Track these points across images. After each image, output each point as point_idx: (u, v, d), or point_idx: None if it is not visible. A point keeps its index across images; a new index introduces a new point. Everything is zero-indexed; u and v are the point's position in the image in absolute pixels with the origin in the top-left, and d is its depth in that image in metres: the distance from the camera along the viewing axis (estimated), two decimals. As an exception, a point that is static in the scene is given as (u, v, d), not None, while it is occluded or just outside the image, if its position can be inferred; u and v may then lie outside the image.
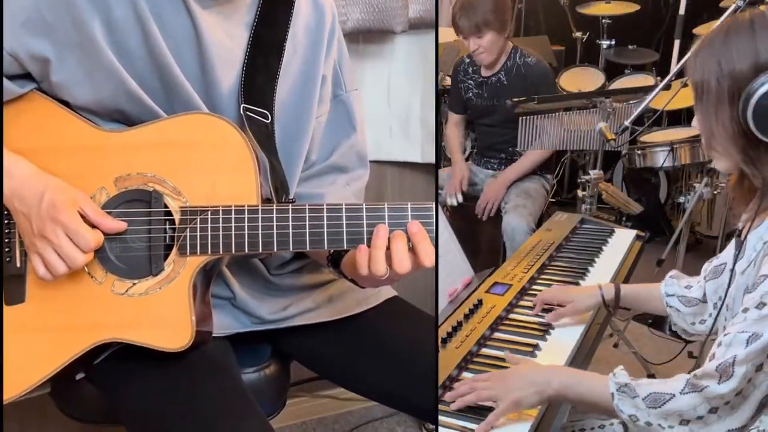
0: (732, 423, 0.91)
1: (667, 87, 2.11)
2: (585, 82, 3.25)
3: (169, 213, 1.05)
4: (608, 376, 0.99)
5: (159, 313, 1.04)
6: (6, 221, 1.06)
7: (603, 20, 3.64)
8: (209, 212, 1.03)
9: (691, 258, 2.81)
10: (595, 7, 3.66)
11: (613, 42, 3.66)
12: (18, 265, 1.06)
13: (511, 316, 1.40)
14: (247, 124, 1.11)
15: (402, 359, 1.21)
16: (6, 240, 1.06)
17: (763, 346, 0.88)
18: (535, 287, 1.52)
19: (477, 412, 1.04)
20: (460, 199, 2.73)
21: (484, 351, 1.24)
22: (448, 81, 3.09)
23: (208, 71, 1.10)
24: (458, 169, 2.78)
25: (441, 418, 1.05)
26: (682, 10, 3.04)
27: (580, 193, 2.40)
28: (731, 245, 1.15)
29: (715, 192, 2.70)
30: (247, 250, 1.03)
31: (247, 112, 1.12)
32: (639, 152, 2.91)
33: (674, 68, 2.17)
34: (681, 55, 2.20)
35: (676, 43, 3.06)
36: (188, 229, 1.04)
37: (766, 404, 0.92)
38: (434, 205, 1.02)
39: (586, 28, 3.79)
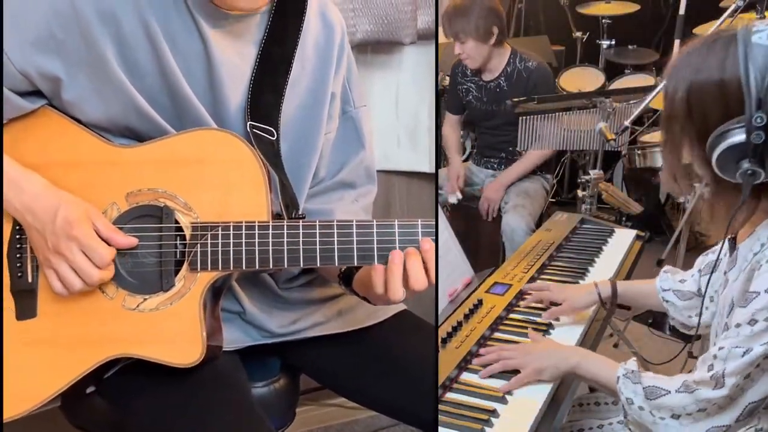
0: (720, 421, 0.97)
1: (667, 87, 2.10)
2: (585, 82, 3.25)
3: (180, 229, 1.05)
4: (620, 363, 1.07)
5: (170, 329, 1.04)
6: (18, 236, 1.07)
7: (603, 20, 3.64)
8: (220, 228, 1.03)
9: (691, 258, 2.79)
10: (595, 7, 3.66)
11: (613, 42, 3.66)
12: (29, 280, 1.06)
13: (511, 316, 1.40)
14: (254, 141, 1.11)
15: (411, 374, 1.21)
16: (18, 255, 1.07)
17: (752, 360, 0.94)
18: (535, 287, 1.52)
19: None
20: (459, 196, 2.73)
21: (482, 351, 1.24)
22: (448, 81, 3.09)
23: (217, 89, 1.10)
24: (454, 167, 2.78)
25: (441, 417, 1.05)
26: (682, 10, 3.03)
27: (580, 193, 2.40)
28: (725, 243, 1.16)
29: (715, 192, 2.69)
30: (257, 266, 1.03)
31: (254, 130, 1.12)
32: (639, 152, 2.91)
33: (674, 68, 2.17)
34: (681, 55, 2.20)
35: (676, 43, 3.06)
36: (199, 245, 1.04)
37: (756, 408, 0.97)
38: (434, 205, 1.02)
39: (586, 28, 3.79)
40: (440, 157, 3.07)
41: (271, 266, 1.03)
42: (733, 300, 1.02)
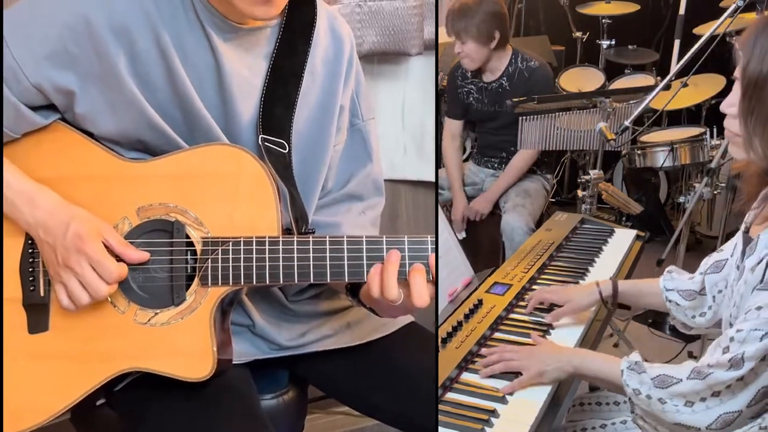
0: (731, 406, 0.98)
1: (667, 87, 2.11)
2: (585, 82, 3.25)
3: (191, 243, 1.06)
4: (622, 358, 1.08)
5: (180, 343, 1.05)
6: (30, 250, 1.07)
7: (603, 20, 3.64)
8: (230, 243, 1.04)
9: (691, 258, 2.81)
10: (595, 7, 3.66)
11: (613, 42, 3.66)
12: (42, 294, 1.07)
13: (511, 316, 1.40)
14: (265, 155, 1.11)
15: (417, 386, 1.21)
16: (30, 269, 1.07)
17: None
18: (535, 287, 1.52)
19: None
20: (464, 235, 2.70)
21: (484, 351, 1.24)
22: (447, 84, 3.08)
23: (228, 102, 1.11)
24: (459, 203, 2.71)
25: (441, 417, 1.05)
26: (682, 10, 3.04)
27: (580, 193, 2.40)
28: (734, 239, 1.19)
29: (715, 192, 2.70)
30: (267, 281, 1.03)
31: (265, 143, 1.12)
32: (639, 152, 2.91)
33: (674, 68, 2.17)
34: (681, 55, 2.19)
35: (676, 43, 3.06)
36: (210, 260, 1.04)
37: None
38: (434, 205, 1.02)
39: (586, 28, 3.79)
40: (440, 157, 3.07)
41: (281, 282, 1.04)
42: (758, 287, 1.01)
